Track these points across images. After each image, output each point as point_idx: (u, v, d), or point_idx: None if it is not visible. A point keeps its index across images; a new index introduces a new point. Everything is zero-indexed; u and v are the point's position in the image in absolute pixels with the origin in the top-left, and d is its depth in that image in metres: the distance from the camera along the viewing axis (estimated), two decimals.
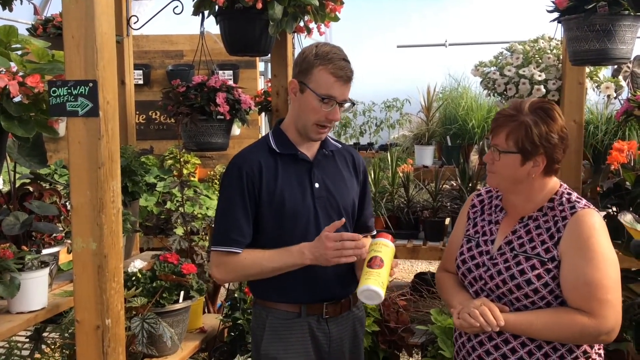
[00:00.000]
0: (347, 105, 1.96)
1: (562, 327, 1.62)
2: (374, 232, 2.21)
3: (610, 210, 3.11)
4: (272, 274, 1.92)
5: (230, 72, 5.44)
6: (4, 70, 1.87)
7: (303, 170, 1.98)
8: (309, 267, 1.90)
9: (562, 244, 1.67)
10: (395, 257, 3.67)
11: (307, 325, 1.97)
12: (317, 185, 1.98)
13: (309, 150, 2.01)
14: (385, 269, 1.79)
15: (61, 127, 3.37)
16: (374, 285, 1.74)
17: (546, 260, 1.67)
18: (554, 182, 1.78)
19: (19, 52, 1.98)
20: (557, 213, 1.72)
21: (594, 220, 1.67)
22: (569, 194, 1.75)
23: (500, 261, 1.74)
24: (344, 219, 1.86)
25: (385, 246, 1.85)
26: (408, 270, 6.28)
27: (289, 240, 1.93)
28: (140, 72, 5.47)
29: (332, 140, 2.10)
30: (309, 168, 1.99)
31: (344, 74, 1.91)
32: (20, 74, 1.88)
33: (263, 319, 2.01)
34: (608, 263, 1.64)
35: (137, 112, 5.18)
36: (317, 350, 1.99)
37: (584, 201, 1.73)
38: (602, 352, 1.77)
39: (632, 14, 2.54)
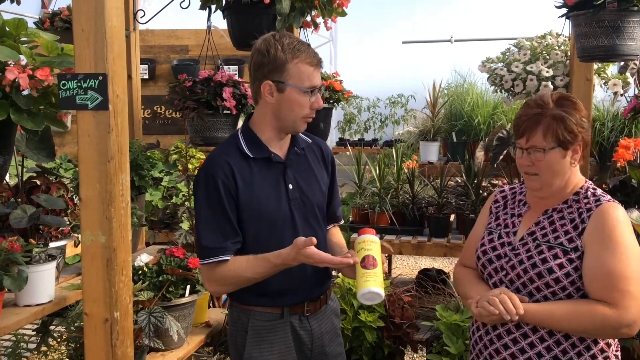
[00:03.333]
0: (322, 89, 1.93)
1: (583, 318, 1.61)
2: (341, 222, 2.19)
3: None
4: (257, 280, 1.87)
5: (236, 67, 5.45)
6: (14, 63, 1.87)
7: (277, 172, 1.92)
8: (289, 276, 1.88)
9: (586, 235, 1.67)
10: (400, 253, 3.71)
11: (289, 325, 1.94)
12: (290, 186, 1.93)
13: (281, 150, 1.95)
14: (379, 267, 1.78)
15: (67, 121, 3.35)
16: (374, 287, 1.73)
17: (569, 250, 1.67)
18: (579, 176, 1.78)
19: (28, 45, 1.98)
20: (582, 205, 1.72)
21: (618, 213, 1.68)
22: (594, 189, 1.76)
23: (522, 251, 1.74)
24: (315, 239, 1.77)
25: (373, 242, 1.83)
26: (412, 266, 6.28)
27: (267, 245, 1.87)
28: (146, 66, 5.47)
29: (302, 136, 2.03)
30: (282, 169, 1.93)
31: (317, 60, 1.86)
32: (30, 67, 1.88)
33: (244, 322, 1.94)
34: (631, 255, 1.63)
35: (143, 107, 5.18)
36: (300, 348, 1.97)
37: (608, 196, 1.73)
38: (619, 353, 1.76)
39: None
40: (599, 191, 1.75)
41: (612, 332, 1.63)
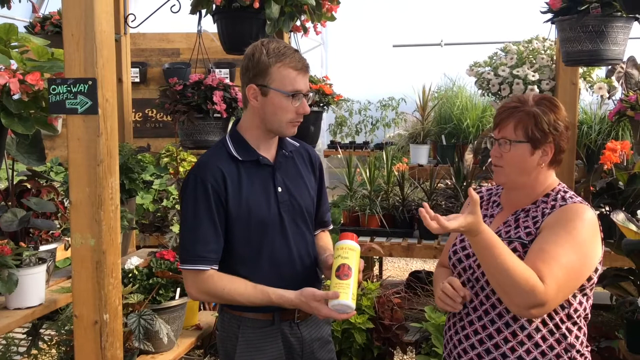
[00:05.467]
0: (311, 95, 1.92)
1: (522, 272, 1.55)
2: (330, 227, 2.20)
3: (603, 210, 3.15)
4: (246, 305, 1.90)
5: (227, 70, 5.48)
6: (4, 67, 1.88)
7: (266, 175, 1.94)
8: (279, 279, 1.90)
9: (543, 223, 1.68)
10: (390, 255, 3.74)
11: (280, 332, 1.95)
12: (280, 189, 1.94)
13: (269, 153, 1.96)
14: (353, 277, 1.79)
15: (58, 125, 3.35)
16: (344, 300, 1.75)
17: (527, 242, 1.68)
18: (553, 179, 1.80)
19: (19, 50, 2.00)
20: (547, 206, 1.73)
21: (585, 212, 1.67)
22: (565, 192, 1.77)
23: None
24: (338, 293, 1.79)
25: (351, 250, 1.83)
26: (403, 268, 6.31)
27: (257, 248, 1.90)
28: (137, 70, 5.49)
29: (290, 140, 2.05)
30: (271, 172, 1.94)
31: (303, 65, 1.87)
32: (20, 71, 1.89)
33: (234, 329, 1.95)
34: (578, 251, 1.61)
35: (134, 110, 5.20)
36: (291, 355, 1.98)
37: (579, 198, 1.74)
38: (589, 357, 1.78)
39: (624, 15, 2.58)
40: (570, 193, 1.76)
41: (525, 303, 1.57)
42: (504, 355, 1.69)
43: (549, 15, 2.79)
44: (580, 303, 1.71)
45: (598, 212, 3.01)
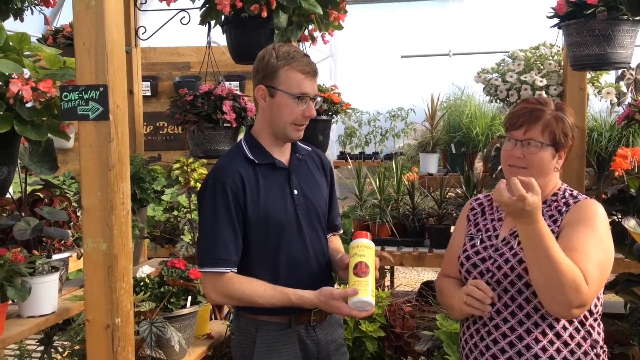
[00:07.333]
0: (318, 99, 1.96)
1: (570, 269, 1.54)
2: (341, 231, 2.22)
3: (615, 217, 3.13)
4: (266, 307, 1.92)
5: (237, 82, 5.52)
6: (17, 75, 1.92)
7: (282, 178, 1.97)
8: (296, 280, 1.92)
9: (564, 221, 1.70)
10: (401, 264, 3.72)
11: (296, 334, 1.97)
12: (296, 192, 1.97)
13: (283, 156, 2.01)
14: (371, 274, 1.80)
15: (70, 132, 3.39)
16: (364, 296, 1.75)
17: None
18: (557, 179, 1.82)
19: (31, 59, 2.03)
20: (560, 204, 1.76)
21: (598, 208, 1.71)
22: (571, 190, 1.81)
23: (505, 250, 1.76)
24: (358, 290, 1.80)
25: (367, 248, 1.85)
26: (415, 279, 6.28)
27: (274, 252, 1.92)
28: (148, 83, 5.55)
29: (302, 145, 2.09)
30: (287, 175, 1.98)
31: (311, 69, 1.92)
32: (33, 79, 1.93)
33: (252, 333, 1.97)
34: (603, 248, 1.64)
35: (145, 123, 5.26)
36: (306, 358, 1.99)
37: (585, 196, 1.78)
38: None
39: (630, 19, 2.58)
40: (576, 191, 1.80)
41: (568, 302, 1.55)
42: (536, 356, 1.68)
43: (556, 20, 2.80)
44: (598, 298, 1.73)
45: (610, 220, 2.99)
